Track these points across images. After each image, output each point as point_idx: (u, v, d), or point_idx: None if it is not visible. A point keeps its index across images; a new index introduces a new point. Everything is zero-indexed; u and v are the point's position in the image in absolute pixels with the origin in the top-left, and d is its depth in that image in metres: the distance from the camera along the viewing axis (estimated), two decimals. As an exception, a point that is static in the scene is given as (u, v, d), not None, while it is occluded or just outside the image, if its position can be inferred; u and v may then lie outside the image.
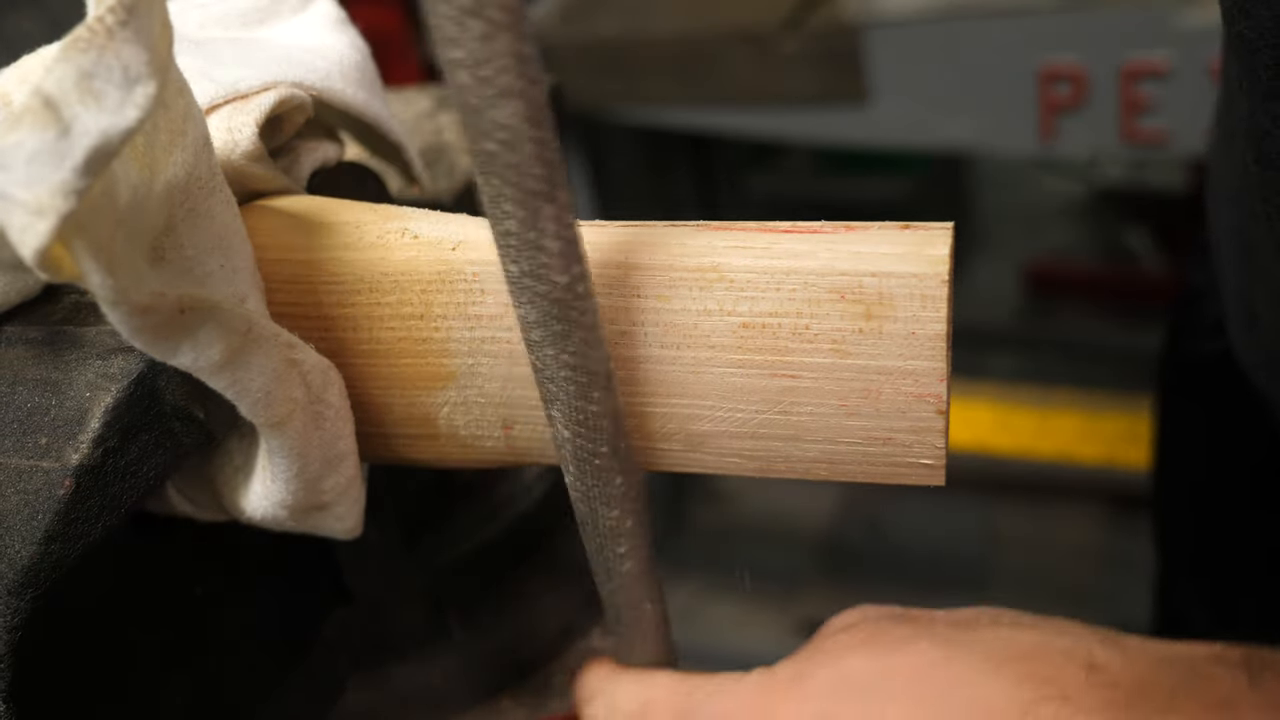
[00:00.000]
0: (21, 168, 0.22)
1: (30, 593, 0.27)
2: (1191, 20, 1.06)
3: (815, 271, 0.29)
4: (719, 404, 0.30)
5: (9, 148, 0.22)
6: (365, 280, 0.32)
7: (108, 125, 0.23)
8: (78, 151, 0.22)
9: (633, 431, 0.31)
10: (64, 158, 0.22)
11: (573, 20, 1.41)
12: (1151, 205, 2.07)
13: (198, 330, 0.27)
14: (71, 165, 0.22)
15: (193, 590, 0.37)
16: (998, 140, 1.26)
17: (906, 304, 0.28)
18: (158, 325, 0.26)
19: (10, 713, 0.28)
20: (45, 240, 0.22)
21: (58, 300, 0.32)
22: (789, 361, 0.29)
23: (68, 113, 0.23)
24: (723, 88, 1.30)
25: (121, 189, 0.25)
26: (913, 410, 0.29)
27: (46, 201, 0.22)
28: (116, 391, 0.29)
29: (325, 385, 0.31)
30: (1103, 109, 1.13)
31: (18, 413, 0.29)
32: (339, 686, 0.45)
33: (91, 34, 0.23)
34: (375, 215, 0.33)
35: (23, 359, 0.30)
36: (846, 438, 0.30)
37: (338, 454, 0.33)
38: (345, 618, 0.44)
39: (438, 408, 0.33)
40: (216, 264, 0.30)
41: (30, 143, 0.22)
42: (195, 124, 0.29)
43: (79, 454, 0.28)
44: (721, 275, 0.29)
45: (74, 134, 0.23)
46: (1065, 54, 1.12)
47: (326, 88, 0.35)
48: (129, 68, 0.24)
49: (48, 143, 0.22)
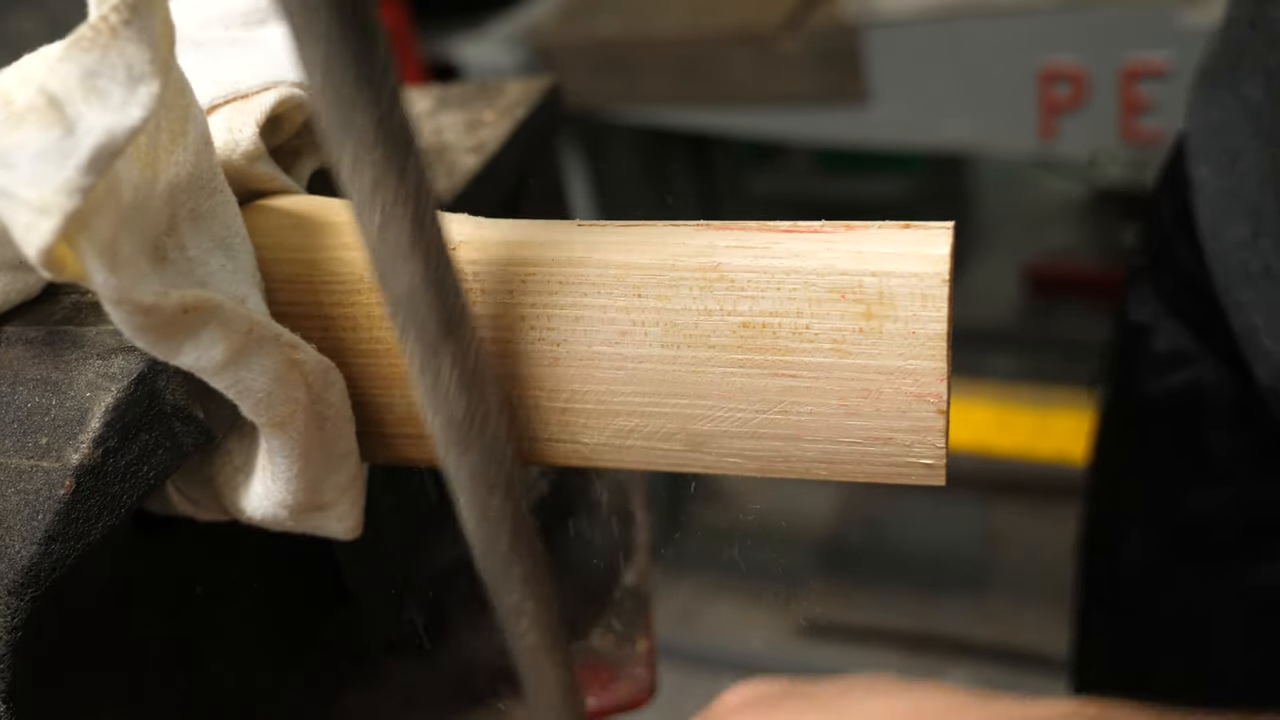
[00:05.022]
0: (26, 166, 0.22)
1: (30, 593, 0.27)
2: (1191, 20, 1.06)
3: (815, 271, 0.29)
4: (719, 403, 0.30)
5: (14, 147, 0.22)
6: (365, 280, 0.32)
7: (112, 123, 0.23)
8: (83, 150, 0.22)
9: (632, 431, 0.31)
10: (69, 156, 0.22)
11: (573, 20, 1.41)
12: (1151, 205, 2.07)
13: (200, 330, 0.27)
14: (76, 163, 0.22)
15: (193, 590, 0.37)
16: (997, 140, 1.26)
17: (907, 303, 0.28)
18: (160, 325, 0.26)
19: (10, 713, 0.28)
20: (50, 239, 0.22)
21: (58, 300, 0.32)
22: (789, 361, 0.29)
23: (72, 111, 0.23)
24: (723, 88, 1.30)
25: (125, 188, 0.25)
26: (913, 410, 0.29)
27: (51, 200, 0.22)
28: (117, 391, 0.29)
29: (327, 386, 0.31)
30: (1103, 109, 1.13)
31: (18, 412, 0.29)
32: (339, 686, 0.45)
33: (95, 33, 0.23)
34: (375, 215, 0.33)
35: (23, 359, 0.30)
36: (847, 437, 0.30)
37: (339, 454, 0.33)
38: (345, 618, 0.44)
39: (438, 407, 0.33)
40: (218, 264, 0.30)
41: (35, 141, 0.22)
42: (196, 124, 0.29)
43: (79, 454, 0.28)
44: (722, 275, 0.29)
45: (79, 132, 0.23)
46: (1065, 54, 1.12)
47: None
48: (132, 66, 0.24)
49: (52, 141, 0.22)
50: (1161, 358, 0.61)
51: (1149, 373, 0.63)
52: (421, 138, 0.27)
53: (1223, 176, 0.52)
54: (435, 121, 0.49)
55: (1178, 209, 0.58)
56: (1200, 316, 0.58)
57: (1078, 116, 1.14)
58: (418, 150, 0.26)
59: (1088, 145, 1.18)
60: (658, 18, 1.36)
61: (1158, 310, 0.62)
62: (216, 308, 0.27)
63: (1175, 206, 0.59)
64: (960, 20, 1.16)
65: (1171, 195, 0.60)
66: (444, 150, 0.46)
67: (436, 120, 0.49)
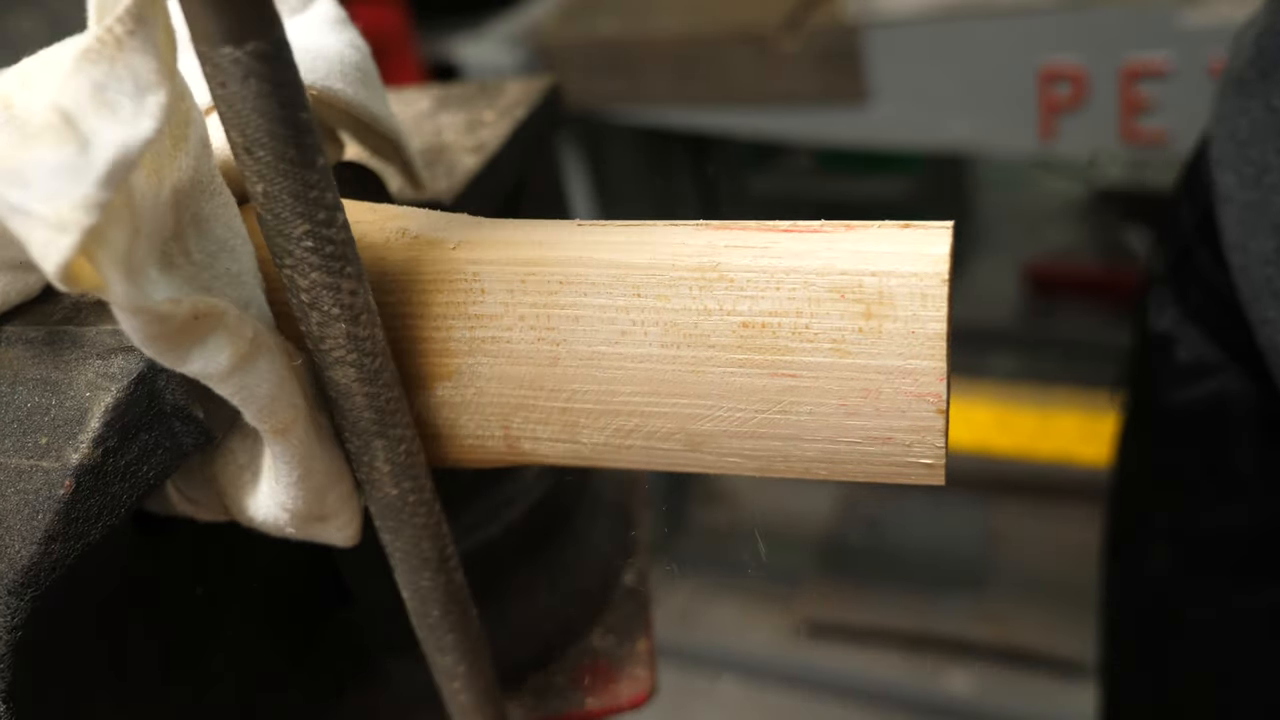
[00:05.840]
0: (42, 183, 0.22)
1: (30, 593, 0.27)
2: (1191, 20, 1.06)
3: (815, 271, 0.29)
4: (719, 403, 0.30)
5: (30, 164, 0.22)
6: (365, 280, 0.32)
7: (126, 137, 0.23)
8: (98, 165, 0.22)
9: (632, 431, 0.31)
10: (85, 172, 0.22)
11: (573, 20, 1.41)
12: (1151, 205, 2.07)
13: (207, 337, 0.27)
14: (93, 179, 0.22)
15: (193, 590, 0.37)
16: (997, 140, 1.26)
17: (906, 303, 0.28)
18: (172, 333, 0.26)
19: (10, 713, 0.28)
20: (68, 255, 0.22)
21: (57, 300, 0.32)
22: (789, 361, 0.29)
23: (85, 127, 0.23)
24: (723, 88, 1.30)
25: (137, 198, 0.25)
26: (913, 410, 0.29)
27: (69, 216, 0.22)
28: (116, 391, 0.29)
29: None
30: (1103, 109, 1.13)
31: (18, 412, 0.29)
32: (339, 686, 0.45)
33: (101, 45, 0.23)
34: (375, 215, 0.33)
35: (22, 359, 0.30)
36: (846, 437, 0.30)
37: (340, 467, 0.33)
38: (345, 618, 0.44)
39: (437, 407, 0.33)
40: (223, 267, 0.30)
41: (51, 159, 0.22)
42: (196, 127, 0.29)
43: (79, 454, 0.28)
44: (721, 274, 0.29)
45: (94, 147, 0.23)
46: (1065, 54, 1.12)
47: (326, 88, 0.35)
48: (139, 77, 0.24)
49: (68, 158, 0.22)
50: (1184, 368, 0.60)
51: (1171, 383, 0.62)
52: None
53: (1249, 188, 0.51)
54: (435, 121, 0.49)
55: (1199, 215, 0.57)
56: (1224, 324, 0.57)
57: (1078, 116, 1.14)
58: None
59: (1088, 145, 1.18)
60: (658, 18, 1.36)
61: (1178, 317, 0.61)
62: (222, 314, 0.27)
63: (1197, 213, 0.58)
64: (960, 20, 1.16)
65: (1192, 200, 0.59)
66: (444, 150, 0.46)
67: (436, 120, 0.49)
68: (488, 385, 0.32)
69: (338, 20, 0.39)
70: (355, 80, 0.37)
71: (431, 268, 0.31)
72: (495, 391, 0.32)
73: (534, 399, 0.32)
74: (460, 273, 0.31)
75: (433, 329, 0.32)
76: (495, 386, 0.32)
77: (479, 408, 0.33)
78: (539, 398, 0.32)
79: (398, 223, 0.33)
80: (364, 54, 0.38)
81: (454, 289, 0.31)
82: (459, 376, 0.32)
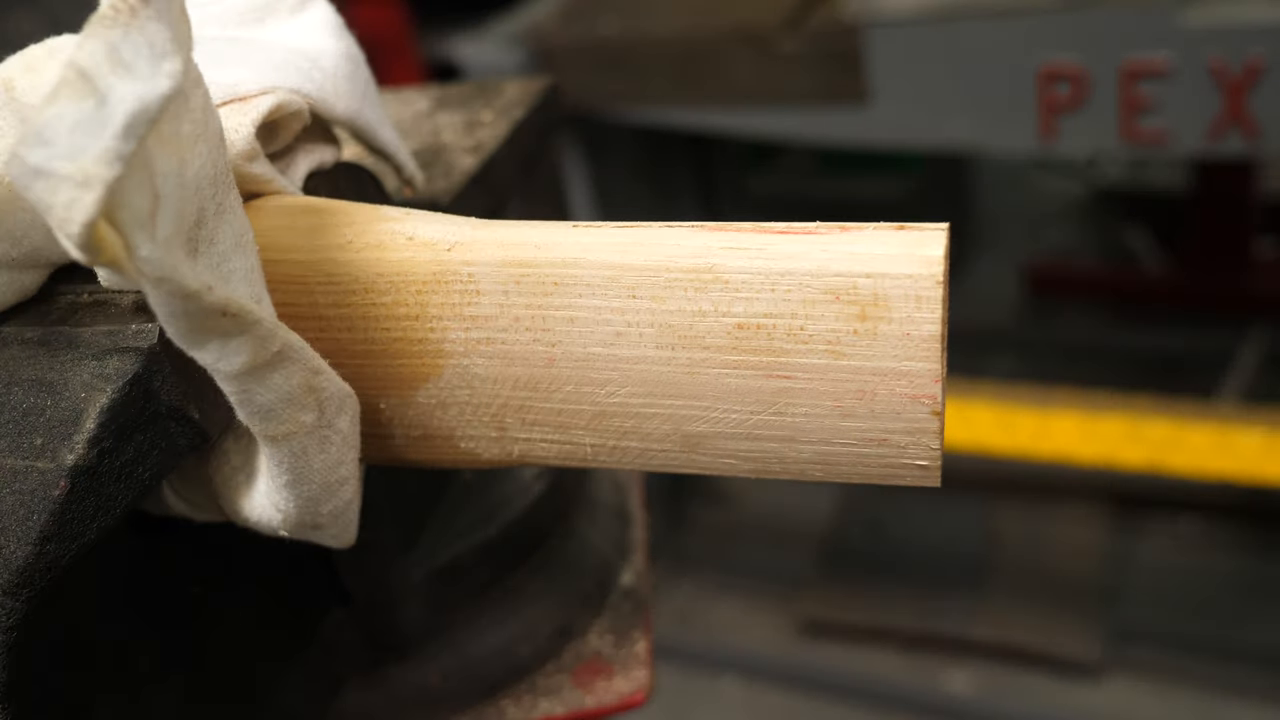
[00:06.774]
0: (64, 139, 0.22)
1: (25, 593, 0.27)
2: (1191, 20, 1.06)
3: (810, 272, 0.29)
4: (714, 405, 0.30)
5: (50, 120, 0.22)
6: (361, 281, 0.32)
7: (144, 91, 0.23)
8: (118, 117, 0.22)
9: (628, 432, 0.31)
10: (104, 125, 0.22)
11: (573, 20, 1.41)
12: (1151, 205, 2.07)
13: (232, 337, 0.27)
14: (113, 132, 0.22)
15: (191, 590, 0.37)
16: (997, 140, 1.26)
17: (901, 305, 0.28)
18: (195, 314, 0.26)
19: (6, 713, 0.28)
20: (93, 212, 0.22)
21: (54, 301, 0.32)
22: (784, 362, 0.29)
23: (103, 83, 0.23)
24: (723, 88, 1.30)
25: (157, 165, 0.25)
26: (908, 411, 0.29)
27: (92, 170, 0.22)
28: (112, 392, 0.29)
29: (340, 412, 0.31)
30: (1103, 109, 1.13)
31: (13, 413, 0.29)
32: (338, 686, 0.45)
33: (115, 12, 0.23)
34: (371, 216, 0.33)
35: (18, 359, 0.30)
36: (841, 439, 0.30)
37: (338, 479, 0.32)
38: (344, 618, 0.44)
39: (433, 408, 0.33)
40: (240, 262, 0.29)
41: (70, 113, 0.22)
42: (213, 117, 0.29)
43: (74, 454, 0.28)
44: (717, 276, 0.29)
45: (111, 101, 0.23)
46: (1065, 54, 1.12)
47: (321, 99, 0.35)
48: (154, 44, 0.24)
49: (87, 112, 0.22)
50: None
51: None
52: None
53: None
54: (434, 121, 0.49)
55: None
56: None
57: (1078, 116, 1.14)
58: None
59: (1088, 145, 1.18)
60: (658, 18, 1.36)
61: None
62: (255, 323, 0.27)
63: None
64: (960, 20, 1.16)
65: None
66: (442, 150, 0.46)
67: (435, 120, 0.49)
68: (483, 386, 0.32)
69: (335, 27, 0.39)
70: (348, 92, 0.37)
71: (427, 269, 0.31)
72: (491, 392, 0.32)
73: (529, 400, 0.32)
74: (455, 274, 0.31)
75: (428, 330, 0.32)
76: (491, 388, 0.32)
77: (474, 408, 0.33)
78: (534, 399, 0.32)
79: (394, 224, 0.33)
80: (358, 63, 0.38)
81: (449, 290, 0.31)
82: (454, 377, 0.32)
